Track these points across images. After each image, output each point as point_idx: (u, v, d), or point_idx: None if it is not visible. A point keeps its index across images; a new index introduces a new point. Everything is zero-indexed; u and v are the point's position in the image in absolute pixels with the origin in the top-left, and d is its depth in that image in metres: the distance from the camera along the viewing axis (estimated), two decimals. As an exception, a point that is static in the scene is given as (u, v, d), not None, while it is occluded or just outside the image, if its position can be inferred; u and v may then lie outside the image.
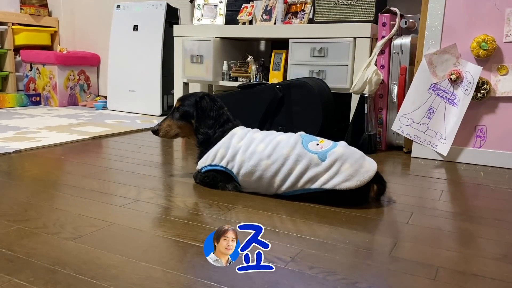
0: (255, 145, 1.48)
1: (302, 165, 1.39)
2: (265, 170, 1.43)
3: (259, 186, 1.47)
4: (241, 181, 1.50)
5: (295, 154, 1.40)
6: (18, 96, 3.69)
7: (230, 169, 1.50)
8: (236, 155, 1.49)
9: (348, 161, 1.37)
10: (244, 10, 2.94)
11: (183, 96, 1.68)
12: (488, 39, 2.00)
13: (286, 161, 1.40)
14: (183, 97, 1.66)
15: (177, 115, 1.62)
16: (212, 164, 1.54)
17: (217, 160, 1.52)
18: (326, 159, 1.38)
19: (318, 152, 1.40)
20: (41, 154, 2.03)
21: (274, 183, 1.43)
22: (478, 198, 1.60)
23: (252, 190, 1.50)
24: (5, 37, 3.86)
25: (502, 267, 1.02)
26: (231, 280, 0.91)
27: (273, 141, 1.46)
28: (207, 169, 1.55)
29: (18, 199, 1.39)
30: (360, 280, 0.93)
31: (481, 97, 2.04)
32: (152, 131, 1.64)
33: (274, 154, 1.43)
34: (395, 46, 2.30)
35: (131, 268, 0.95)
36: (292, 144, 1.43)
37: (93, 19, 4.06)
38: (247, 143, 1.50)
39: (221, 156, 1.52)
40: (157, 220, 1.26)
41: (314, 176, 1.38)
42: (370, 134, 2.27)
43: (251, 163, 1.45)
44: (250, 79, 2.83)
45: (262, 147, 1.46)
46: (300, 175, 1.39)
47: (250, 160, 1.45)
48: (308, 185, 1.39)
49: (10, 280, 0.88)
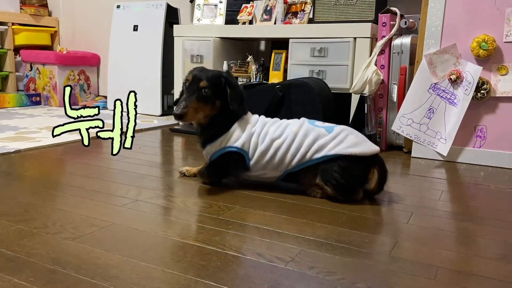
0: (267, 127, 1.52)
1: (311, 137, 1.46)
2: (277, 148, 1.47)
3: (269, 166, 1.49)
4: (252, 164, 1.50)
5: (303, 129, 1.48)
6: (18, 96, 3.69)
7: (246, 151, 1.49)
8: (251, 138, 1.50)
9: (353, 133, 1.48)
10: (244, 10, 2.94)
11: (202, 73, 1.48)
12: (488, 39, 2.00)
13: (296, 136, 1.47)
14: (204, 75, 1.47)
15: (205, 96, 1.45)
16: (227, 146, 1.50)
17: (232, 142, 1.50)
18: (333, 130, 1.47)
19: (325, 126, 1.50)
20: (41, 154, 2.03)
21: (285, 159, 1.47)
22: (478, 198, 1.60)
23: (260, 174, 1.53)
24: (5, 37, 3.86)
25: (502, 267, 1.02)
26: (231, 280, 0.91)
27: (283, 123, 1.54)
28: (218, 155, 1.52)
29: (18, 199, 1.39)
30: (360, 280, 0.93)
31: (481, 97, 2.04)
32: (177, 116, 1.43)
33: (285, 133, 1.49)
34: (395, 46, 2.30)
35: (131, 268, 0.95)
36: (300, 123, 1.52)
37: (93, 19, 4.06)
38: (260, 125, 1.53)
39: (236, 138, 1.50)
40: (157, 220, 1.26)
41: (321, 146, 1.45)
42: (370, 134, 2.27)
43: (264, 144, 1.48)
44: (250, 79, 2.83)
45: (274, 129, 1.51)
46: (308, 147, 1.45)
47: (263, 142, 1.49)
48: (316, 155, 1.44)
49: (10, 280, 0.88)
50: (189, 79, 1.47)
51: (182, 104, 1.43)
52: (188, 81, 1.48)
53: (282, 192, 1.54)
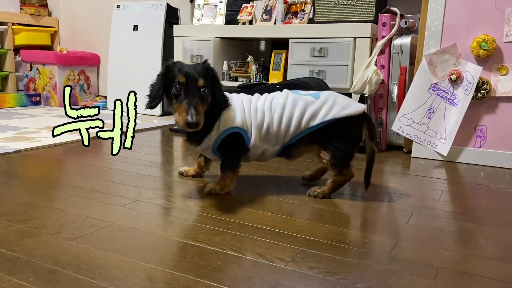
0: (254, 102, 1.50)
1: (300, 106, 1.46)
2: (270, 120, 1.45)
3: (267, 140, 1.48)
4: (252, 142, 1.45)
5: (290, 100, 1.48)
6: (18, 96, 3.69)
7: (245, 129, 1.45)
8: (245, 114, 1.46)
9: (340, 96, 1.52)
10: (244, 10, 2.94)
11: (194, 71, 1.35)
12: (488, 39, 2.00)
13: (285, 108, 1.46)
14: (197, 73, 1.35)
15: (204, 95, 1.35)
16: (228, 128, 1.43)
17: (229, 124, 1.43)
18: (320, 97, 1.49)
19: (311, 93, 1.52)
20: (41, 154, 2.03)
21: (280, 132, 1.46)
22: (478, 198, 1.60)
23: (259, 151, 1.49)
24: (5, 37, 3.86)
25: (502, 267, 1.02)
26: (231, 280, 0.91)
27: (268, 97, 1.52)
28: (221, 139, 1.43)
29: (18, 199, 1.39)
30: (360, 280, 0.93)
31: (481, 97, 2.04)
32: (193, 124, 1.29)
33: (273, 105, 1.48)
34: (395, 46, 2.30)
35: (131, 268, 0.95)
36: (285, 94, 1.51)
37: (93, 19, 4.06)
38: (247, 101, 1.50)
39: (232, 119, 1.44)
40: (157, 220, 1.26)
41: (314, 113, 1.46)
42: (370, 134, 2.27)
43: (259, 117, 1.46)
44: (250, 79, 2.83)
45: (262, 103, 1.50)
46: (301, 116, 1.46)
47: (256, 115, 1.47)
48: (311, 122, 1.45)
49: (10, 280, 0.88)
50: (183, 81, 1.33)
51: (191, 111, 1.29)
52: (181, 83, 1.33)
53: (282, 192, 1.54)
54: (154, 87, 1.42)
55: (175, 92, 1.34)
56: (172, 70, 1.37)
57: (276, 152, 1.53)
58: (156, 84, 1.41)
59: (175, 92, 1.34)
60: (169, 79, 1.36)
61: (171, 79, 1.35)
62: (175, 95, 1.34)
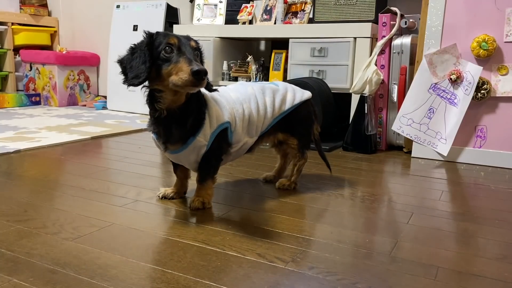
0: (227, 94, 1.40)
1: (268, 93, 1.48)
2: (250, 112, 1.40)
3: (248, 133, 1.41)
4: (234, 135, 1.34)
5: (257, 88, 1.48)
6: (17, 96, 3.69)
7: (231, 122, 1.33)
8: (227, 107, 1.34)
9: (287, 84, 1.58)
10: (244, 10, 2.94)
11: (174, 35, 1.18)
12: (489, 39, 2.00)
13: (257, 97, 1.45)
14: (181, 36, 1.19)
15: (200, 59, 1.21)
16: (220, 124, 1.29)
17: (221, 119, 1.30)
18: (279, 84, 1.55)
19: (270, 83, 1.55)
20: (41, 154, 2.03)
21: (260, 121, 1.44)
22: (478, 198, 1.60)
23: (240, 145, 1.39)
24: (5, 37, 3.86)
25: (502, 267, 1.02)
26: (231, 280, 0.91)
27: (234, 88, 1.47)
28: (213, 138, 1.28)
29: (18, 199, 1.38)
30: (360, 280, 0.93)
31: (481, 97, 2.04)
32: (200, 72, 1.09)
33: (245, 96, 1.43)
34: (395, 46, 2.30)
35: (131, 268, 0.94)
36: (247, 84, 1.50)
37: (93, 19, 4.06)
38: (221, 93, 1.37)
39: (218, 113, 1.29)
40: (157, 220, 1.26)
41: (282, 98, 1.50)
42: (370, 134, 2.27)
43: (240, 109, 1.37)
44: (250, 79, 2.83)
45: (234, 94, 1.41)
46: (272, 102, 1.48)
47: (237, 108, 1.37)
48: (282, 107, 1.49)
49: (10, 280, 0.88)
50: (175, 42, 1.15)
51: (194, 62, 1.12)
52: (172, 45, 1.15)
53: (282, 192, 1.54)
54: (134, 60, 1.18)
55: (164, 55, 1.15)
56: (157, 37, 1.18)
57: (249, 146, 1.45)
58: (138, 56, 1.17)
59: (165, 56, 1.15)
60: (155, 47, 1.16)
61: (157, 47, 1.16)
62: (165, 59, 1.15)
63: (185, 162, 1.33)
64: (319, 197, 1.50)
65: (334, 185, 1.66)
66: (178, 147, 1.26)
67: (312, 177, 1.75)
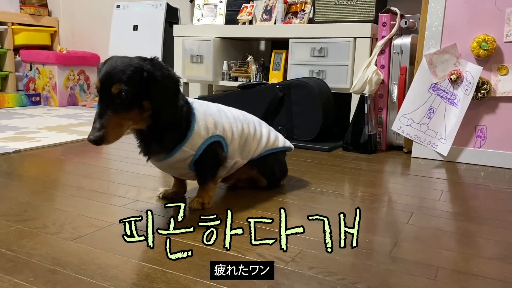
0: (227, 110, 1.40)
1: (264, 126, 1.52)
2: (248, 133, 1.41)
3: (241, 153, 1.41)
4: (231, 152, 1.35)
5: (256, 118, 1.51)
6: (18, 96, 3.69)
7: (224, 137, 1.32)
8: (229, 122, 1.34)
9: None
10: (244, 10, 2.94)
11: (114, 72, 1.09)
12: (489, 39, 2.00)
13: (255, 123, 1.47)
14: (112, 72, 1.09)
15: (123, 104, 1.09)
16: (210, 136, 1.27)
17: (211, 131, 1.28)
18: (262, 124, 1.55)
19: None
20: (41, 154, 2.03)
21: (254, 145, 1.44)
22: (478, 198, 1.60)
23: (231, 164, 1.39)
24: (5, 37, 3.86)
25: (502, 267, 1.02)
26: (231, 280, 0.91)
27: (231, 108, 1.45)
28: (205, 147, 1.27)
29: (18, 199, 1.38)
30: (360, 280, 0.93)
31: (481, 97, 2.04)
32: (93, 141, 1.07)
33: (245, 118, 1.44)
34: (395, 46, 2.30)
35: (131, 268, 0.94)
36: (243, 113, 1.48)
37: (93, 19, 4.06)
38: (220, 109, 1.37)
39: (212, 125, 1.28)
40: (157, 220, 1.26)
41: (277, 136, 1.55)
42: (370, 134, 2.27)
43: (239, 126, 1.37)
44: (250, 79, 2.83)
45: (236, 113, 1.42)
46: (268, 135, 1.50)
47: (237, 124, 1.37)
48: (277, 143, 1.53)
49: (10, 280, 0.88)
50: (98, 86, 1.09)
51: (96, 124, 1.07)
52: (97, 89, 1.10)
53: (282, 192, 1.54)
54: None
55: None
56: (100, 70, 1.13)
57: (239, 167, 1.44)
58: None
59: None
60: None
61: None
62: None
63: (172, 171, 1.36)
64: (319, 197, 1.50)
65: (334, 185, 1.66)
66: (161, 157, 1.26)
67: (312, 177, 1.75)
